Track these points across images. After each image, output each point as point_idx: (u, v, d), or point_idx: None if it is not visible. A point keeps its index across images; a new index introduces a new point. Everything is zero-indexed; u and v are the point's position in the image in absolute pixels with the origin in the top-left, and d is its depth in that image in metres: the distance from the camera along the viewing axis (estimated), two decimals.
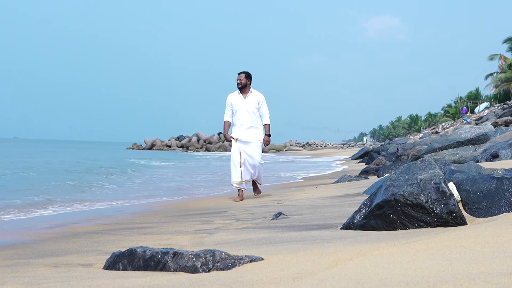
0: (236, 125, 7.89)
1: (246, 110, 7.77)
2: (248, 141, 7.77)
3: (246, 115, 7.79)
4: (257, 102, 7.82)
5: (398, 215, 3.11)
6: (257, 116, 7.87)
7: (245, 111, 7.78)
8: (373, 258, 2.14)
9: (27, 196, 8.87)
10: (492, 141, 10.70)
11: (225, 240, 3.55)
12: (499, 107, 36.97)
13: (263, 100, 7.86)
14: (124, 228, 5.07)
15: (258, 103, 7.82)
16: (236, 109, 7.84)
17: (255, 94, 7.89)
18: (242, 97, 7.83)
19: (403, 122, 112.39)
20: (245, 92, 7.85)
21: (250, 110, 7.78)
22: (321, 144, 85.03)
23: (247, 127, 7.80)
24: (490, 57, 50.56)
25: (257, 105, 7.82)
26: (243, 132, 7.79)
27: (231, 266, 2.34)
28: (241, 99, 7.82)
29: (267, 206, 6.21)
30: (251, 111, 7.79)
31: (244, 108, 7.78)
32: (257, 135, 7.84)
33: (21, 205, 7.75)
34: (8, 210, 7.25)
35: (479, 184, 3.29)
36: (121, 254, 2.67)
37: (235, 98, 7.87)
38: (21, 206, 7.69)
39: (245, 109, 7.78)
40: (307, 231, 3.56)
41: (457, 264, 1.90)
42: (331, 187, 8.65)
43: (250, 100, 7.82)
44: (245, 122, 7.80)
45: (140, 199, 9.32)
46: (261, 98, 7.87)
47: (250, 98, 7.82)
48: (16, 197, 8.75)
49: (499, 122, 20.85)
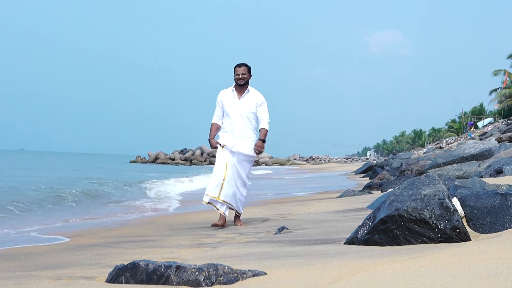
0: (226, 130, 6.14)
1: (240, 114, 6.05)
2: (239, 152, 6.03)
3: (238, 120, 6.06)
4: (254, 104, 6.08)
5: (402, 230, 3.10)
6: (252, 123, 6.12)
7: (238, 115, 6.06)
8: (377, 274, 2.13)
9: None
10: (496, 157, 10.68)
11: (228, 254, 3.54)
12: (503, 123, 36.94)
13: (262, 102, 6.13)
14: (127, 241, 5.07)
15: (256, 105, 6.08)
16: (227, 111, 6.10)
17: (253, 94, 6.13)
18: (236, 96, 6.08)
19: (407, 137, 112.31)
20: (241, 91, 6.11)
21: (244, 115, 6.05)
22: (324, 158, 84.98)
23: (239, 136, 6.06)
24: (495, 72, 50.64)
25: (254, 109, 6.07)
26: (233, 141, 6.04)
27: (234, 280, 2.33)
28: (234, 99, 6.08)
29: (270, 220, 6.20)
30: (246, 116, 6.06)
31: (237, 111, 6.05)
32: (249, 147, 6.09)
33: None
34: None
35: (483, 200, 3.28)
36: (123, 267, 2.67)
37: (227, 97, 6.12)
38: None
39: (238, 113, 6.05)
40: (310, 246, 3.55)
41: (460, 280, 1.89)
42: (335, 201, 8.63)
43: (246, 101, 6.08)
44: (237, 128, 6.07)
45: (145, 212, 9.33)
46: (261, 99, 6.13)
47: (246, 100, 6.09)
48: None
49: (503, 138, 20.82)
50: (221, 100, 6.14)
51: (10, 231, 6.47)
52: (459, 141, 33.63)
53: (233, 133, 6.06)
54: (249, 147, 6.06)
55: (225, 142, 6.04)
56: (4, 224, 7.16)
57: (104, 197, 12.55)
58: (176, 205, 11.02)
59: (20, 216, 8.31)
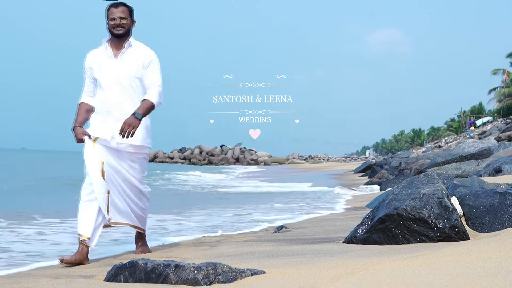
0: (98, 111, 3.90)
1: (118, 81, 3.83)
2: (120, 147, 3.82)
3: (116, 92, 3.84)
4: (140, 65, 3.85)
5: (401, 229, 3.10)
6: (138, 94, 3.87)
7: (115, 84, 3.84)
8: (375, 273, 2.13)
9: None
10: (495, 156, 10.69)
11: (226, 253, 3.54)
12: (502, 122, 36.96)
13: (152, 61, 3.89)
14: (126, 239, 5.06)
15: (142, 66, 3.85)
16: (99, 79, 3.87)
17: (137, 50, 3.90)
18: (111, 54, 3.87)
19: (406, 136, 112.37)
20: (118, 46, 3.88)
21: (125, 82, 3.83)
22: (323, 157, 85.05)
23: (119, 117, 3.80)
24: (494, 71, 50.66)
25: (139, 72, 3.85)
26: (109, 128, 3.80)
27: (233, 279, 2.33)
28: (109, 59, 3.87)
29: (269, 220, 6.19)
30: (127, 83, 3.84)
31: (113, 76, 3.84)
32: (137, 134, 3.80)
33: None
34: None
35: (482, 199, 3.28)
36: (122, 266, 2.66)
37: (99, 58, 3.90)
38: None
39: (116, 79, 3.83)
40: (309, 245, 3.55)
41: (459, 279, 1.89)
42: None
43: (126, 61, 3.85)
44: (115, 105, 3.83)
45: None
46: (149, 57, 3.89)
47: (127, 58, 3.86)
48: None
49: (502, 137, 20.83)
50: (90, 66, 3.90)
51: None
52: (458, 140, 33.66)
53: (110, 113, 3.81)
54: (137, 135, 3.79)
55: (98, 131, 3.79)
56: None
57: None
58: None
59: None
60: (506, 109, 48.23)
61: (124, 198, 3.88)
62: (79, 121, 3.87)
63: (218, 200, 10.12)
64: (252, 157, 55.33)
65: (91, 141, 3.76)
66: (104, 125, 3.80)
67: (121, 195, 3.86)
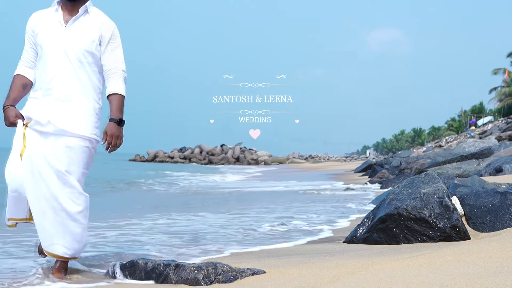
0: (36, 88, 3.02)
1: (65, 53, 2.96)
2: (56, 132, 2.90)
3: (61, 66, 2.96)
4: (96, 36, 3.01)
5: (401, 229, 3.09)
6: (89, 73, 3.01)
7: (61, 56, 2.97)
8: (376, 272, 2.13)
9: None
10: (496, 155, 10.68)
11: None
12: (503, 121, 36.96)
13: (113, 35, 3.06)
14: None
15: (98, 38, 3.01)
16: (42, 48, 3.00)
17: (95, 18, 3.05)
18: (61, 20, 3.00)
19: (407, 136, 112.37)
20: (71, 11, 3.03)
21: (73, 55, 2.96)
22: (324, 157, 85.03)
23: (59, 97, 2.95)
24: (494, 71, 50.66)
25: (91, 45, 2.99)
26: (46, 109, 2.94)
27: (233, 279, 2.33)
28: (58, 25, 3.00)
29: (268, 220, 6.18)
30: (76, 57, 2.97)
31: (60, 47, 2.96)
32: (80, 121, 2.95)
33: None
34: None
35: (483, 199, 3.28)
36: (122, 266, 2.66)
37: (45, 21, 3.04)
38: None
39: (63, 51, 2.96)
40: (310, 244, 3.55)
41: (460, 279, 1.88)
42: None
43: (79, 30, 3.00)
44: (57, 83, 2.95)
45: None
46: (109, 28, 3.05)
47: (79, 26, 3.01)
48: None
49: (503, 136, 20.82)
50: (34, 29, 3.05)
51: None
52: (459, 139, 33.65)
53: (49, 92, 2.94)
54: (79, 122, 2.93)
55: (33, 112, 2.93)
56: None
57: None
58: None
59: None
60: (507, 108, 48.21)
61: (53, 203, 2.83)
62: (12, 98, 3.02)
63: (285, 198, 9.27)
64: (253, 156, 55.33)
65: (22, 125, 2.92)
66: (38, 105, 2.93)
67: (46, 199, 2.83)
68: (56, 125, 2.87)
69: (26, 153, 2.84)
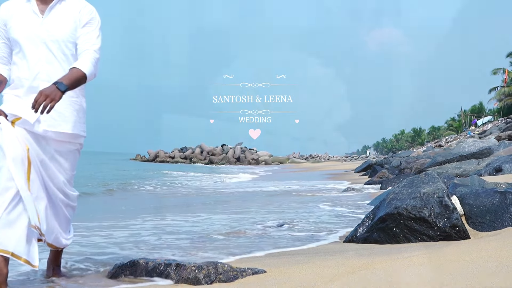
0: (17, 84, 2.79)
1: (45, 45, 2.75)
2: (46, 134, 2.74)
3: (42, 59, 2.76)
4: (76, 24, 2.81)
5: (401, 228, 3.10)
6: (70, 61, 2.80)
7: (41, 48, 2.75)
8: (376, 272, 2.13)
9: None
10: (496, 155, 10.69)
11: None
12: (502, 121, 36.96)
13: (92, 19, 2.84)
14: None
15: (77, 26, 2.81)
16: (18, 41, 2.78)
17: (72, 4, 2.84)
18: (36, 9, 2.79)
19: (407, 135, 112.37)
20: (47, 0, 2.80)
21: (55, 48, 2.76)
22: (324, 156, 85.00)
23: None
24: (494, 71, 50.66)
25: (72, 34, 2.79)
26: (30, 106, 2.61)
27: (234, 278, 2.33)
28: (33, 15, 2.79)
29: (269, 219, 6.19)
30: (59, 49, 2.77)
31: (39, 40, 2.75)
32: (68, 118, 2.80)
33: None
34: None
35: (483, 198, 3.28)
36: (123, 265, 2.67)
37: (19, 12, 2.81)
38: None
39: (42, 43, 2.75)
40: (310, 244, 3.56)
41: (459, 278, 1.89)
42: None
43: (57, 20, 2.79)
44: (39, 80, 2.73)
45: None
46: (88, 14, 2.83)
47: (58, 16, 2.80)
48: None
49: (503, 136, 20.82)
50: (6, 22, 2.82)
51: None
52: (459, 139, 33.66)
53: (35, 90, 2.70)
54: (68, 120, 2.80)
55: (18, 110, 2.71)
56: None
57: None
58: None
59: None
60: (507, 108, 48.20)
61: (51, 204, 2.80)
62: None
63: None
64: (253, 156, 55.35)
65: (9, 123, 2.65)
66: (24, 103, 2.69)
67: (42, 198, 2.72)
68: (45, 126, 2.70)
69: (33, 158, 2.66)
